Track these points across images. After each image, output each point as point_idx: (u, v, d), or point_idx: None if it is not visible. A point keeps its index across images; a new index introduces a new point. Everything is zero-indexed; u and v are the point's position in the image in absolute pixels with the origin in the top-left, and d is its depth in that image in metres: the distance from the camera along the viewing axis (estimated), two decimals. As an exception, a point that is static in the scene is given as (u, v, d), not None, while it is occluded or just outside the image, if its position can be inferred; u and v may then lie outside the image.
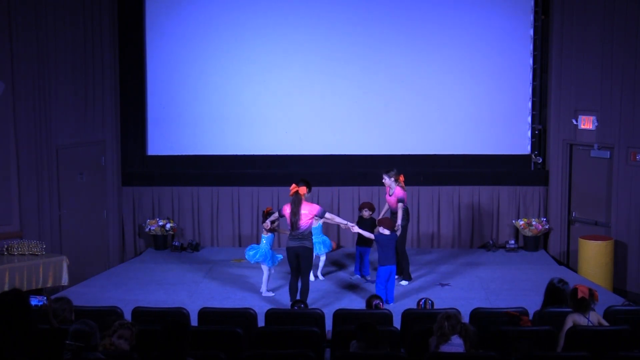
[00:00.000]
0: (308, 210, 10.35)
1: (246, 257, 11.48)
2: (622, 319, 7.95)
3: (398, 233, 11.22)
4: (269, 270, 11.27)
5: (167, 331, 6.16)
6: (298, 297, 10.27)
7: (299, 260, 10.36)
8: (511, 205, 13.90)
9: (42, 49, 12.05)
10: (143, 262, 13.31)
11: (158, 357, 6.29)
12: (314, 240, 10.83)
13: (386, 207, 11.99)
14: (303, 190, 10.49)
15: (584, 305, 7.64)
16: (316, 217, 10.55)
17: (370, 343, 6.87)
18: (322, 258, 12.04)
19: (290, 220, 10.29)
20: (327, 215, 10.65)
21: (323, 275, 12.12)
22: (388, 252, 10.68)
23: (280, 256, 11.28)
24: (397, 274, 11.76)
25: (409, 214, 11.99)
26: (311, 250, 10.51)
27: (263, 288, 11.32)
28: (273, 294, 11.28)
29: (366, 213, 11.97)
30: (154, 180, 14.06)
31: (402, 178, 11.59)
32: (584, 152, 13.17)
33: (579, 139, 13.16)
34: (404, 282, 11.74)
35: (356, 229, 10.76)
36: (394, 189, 11.53)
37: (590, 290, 7.71)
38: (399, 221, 11.40)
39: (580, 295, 7.64)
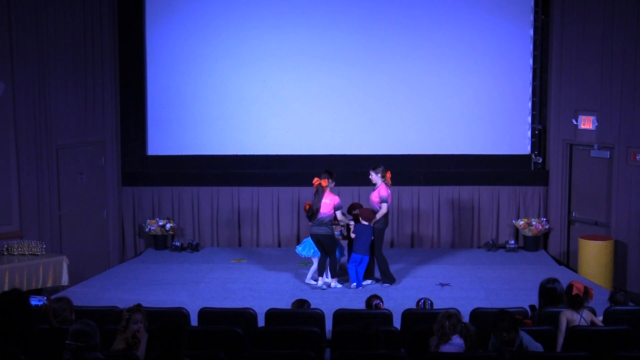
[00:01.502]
0: (329, 200, 11.35)
1: (297, 252, 11.88)
2: (622, 319, 7.94)
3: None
4: (318, 260, 11.68)
5: (163, 331, 6.14)
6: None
7: (321, 244, 11.41)
8: (511, 205, 13.90)
9: (42, 49, 12.06)
10: (143, 262, 13.31)
11: (154, 357, 6.27)
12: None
13: None
14: (325, 182, 11.35)
15: (577, 302, 7.64)
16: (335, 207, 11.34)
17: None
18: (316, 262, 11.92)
19: (312, 209, 11.33)
20: (338, 213, 11.49)
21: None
22: (362, 241, 11.38)
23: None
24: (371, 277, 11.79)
25: (388, 217, 11.82)
26: (330, 236, 11.39)
27: (308, 275, 11.81)
28: (315, 283, 11.66)
29: (357, 212, 11.91)
30: (154, 180, 14.06)
31: (389, 175, 11.62)
32: (584, 152, 13.17)
33: (579, 139, 13.16)
34: (368, 281, 11.72)
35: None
36: (378, 185, 11.54)
37: (585, 287, 7.69)
38: (377, 217, 11.46)
39: (575, 291, 7.65)
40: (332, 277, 11.57)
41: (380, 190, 11.52)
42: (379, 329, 7.00)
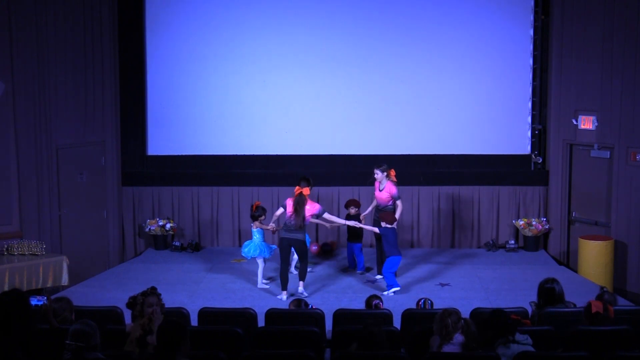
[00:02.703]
0: (310, 207, 11.12)
1: (242, 254, 11.77)
2: (622, 319, 7.93)
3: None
4: (264, 262, 11.66)
5: (163, 330, 6.13)
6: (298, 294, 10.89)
7: (290, 251, 11.23)
8: (511, 205, 13.89)
9: (42, 49, 12.07)
10: (143, 262, 13.31)
11: (150, 356, 6.25)
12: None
13: (373, 203, 12.05)
14: (307, 191, 11.15)
15: (597, 320, 7.43)
16: (314, 215, 11.22)
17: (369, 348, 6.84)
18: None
19: (291, 217, 11.02)
20: (326, 215, 11.40)
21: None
22: (392, 244, 11.21)
23: (274, 246, 11.81)
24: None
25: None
26: (303, 241, 11.18)
27: (259, 280, 11.67)
28: (268, 286, 11.64)
29: (353, 210, 12.24)
30: (154, 180, 14.06)
31: (393, 173, 11.71)
32: (584, 152, 13.17)
33: (579, 139, 13.16)
34: (379, 276, 11.97)
35: (359, 225, 11.66)
36: (385, 184, 11.63)
37: (605, 305, 7.52)
38: (398, 215, 11.60)
39: (594, 309, 7.48)
40: (302, 280, 11.21)
41: (390, 189, 11.63)
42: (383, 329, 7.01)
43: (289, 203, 11.11)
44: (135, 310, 7.12)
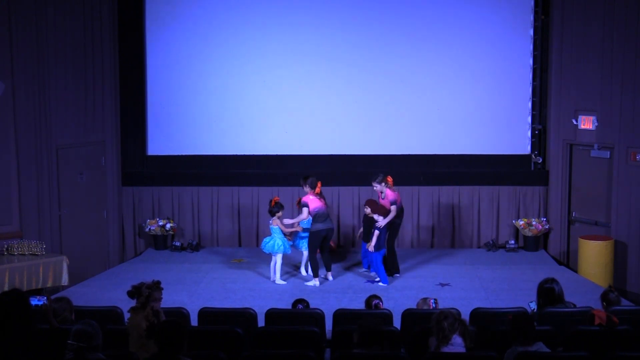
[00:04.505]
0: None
1: (264, 250, 11.90)
2: (622, 319, 7.93)
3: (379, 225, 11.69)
4: (282, 257, 11.87)
5: (163, 330, 6.13)
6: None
7: (325, 239, 11.77)
8: (511, 205, 13.89)
9: (42, 49, 12.07)
10: (143, 262, 13.31)
11: (152, 357, 6.25)
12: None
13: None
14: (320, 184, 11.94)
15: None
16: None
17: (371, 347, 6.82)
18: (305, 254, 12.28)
19: (323, 207, 11.70)
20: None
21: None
22: (382, 236, 11.66)
23: (291, 242, 12.05)
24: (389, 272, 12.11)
25: (403, 212, 12.31)
26: (333, 230, 12.16)
27: (277, 276, 11.86)
28: (285, 282, 11.87)
29: (367, 210, 12.03)
30: (154, 180, 14.07)
31: (389, 179, 11.86)
32: (584, 152, 13.18)
33: (579, 139, 13.16)
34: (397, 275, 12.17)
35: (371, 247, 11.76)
36: (385, 192, 11.80)
37: (608, 316, 7.47)
38: (388, 218, 11.68)
39: (597, 321, 7.47)
40: (329, 270, 12.00)
41: (388, 196, 11.78)
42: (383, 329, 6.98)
43: (311, 199, 11.60)
44: (138, 302, 7.13)
